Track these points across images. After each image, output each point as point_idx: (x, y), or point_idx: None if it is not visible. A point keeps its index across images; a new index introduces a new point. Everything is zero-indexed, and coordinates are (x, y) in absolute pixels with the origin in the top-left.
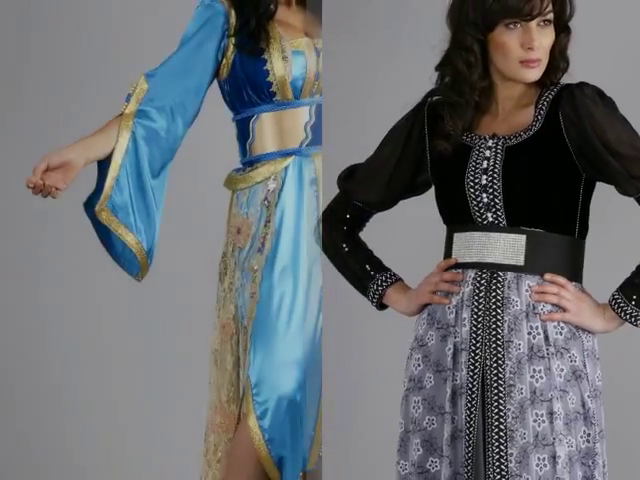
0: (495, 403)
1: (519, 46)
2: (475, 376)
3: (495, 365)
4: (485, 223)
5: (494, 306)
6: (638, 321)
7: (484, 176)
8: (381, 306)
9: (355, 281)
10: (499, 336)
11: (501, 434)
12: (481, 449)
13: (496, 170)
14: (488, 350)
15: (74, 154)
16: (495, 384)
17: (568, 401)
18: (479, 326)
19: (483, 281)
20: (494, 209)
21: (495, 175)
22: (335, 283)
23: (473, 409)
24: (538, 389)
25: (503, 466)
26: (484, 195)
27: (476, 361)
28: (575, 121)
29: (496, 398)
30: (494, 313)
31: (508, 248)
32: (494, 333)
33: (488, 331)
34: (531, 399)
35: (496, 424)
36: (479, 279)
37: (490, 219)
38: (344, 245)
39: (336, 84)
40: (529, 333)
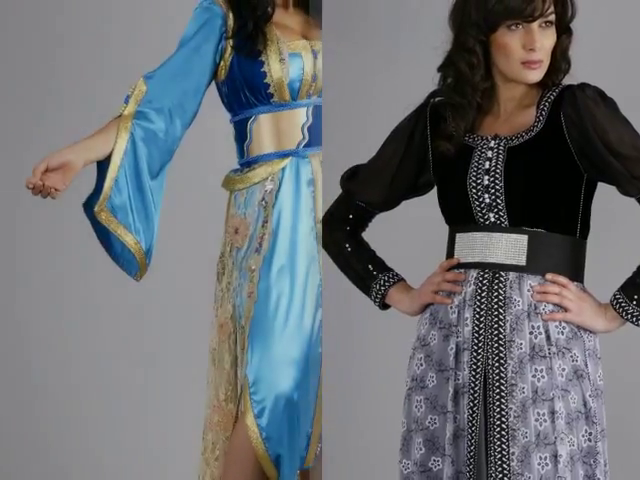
0: (497, 402)
1: (521, 47)
2: (477, 375)
3: (497, 365)
4: (487, 223)
5: (496, 306)
6: (639, 321)
7: (486, 176)
8: (384, 306)
9: (358, 281)
10: (501, 336)
11: (503, 433)
12: (483, 448)
13: (498, 170)
14: (490, 350)
15: (73, 155)
16: (497, 383)
17: (570, 400)
18: (481, 326)
19: (485, 281)
20: (496, 209)
21: (497, 175)
22: (337, 283)
23: (475, 408)
24: (540, 388)
25: (505, 465)
26: (486, 195)
27: (478, 360)
28: (577, 122)
29: (498, 397)
30: (496, 313)
31: (510, 248)
32: (496, 333)
33: (490, 331)
34: (533, 398)
35: (498, 423)
36: (481, 279)
37: (492, 219)
38: (347, 245)
39: (336, 85)
40: (531, 333)
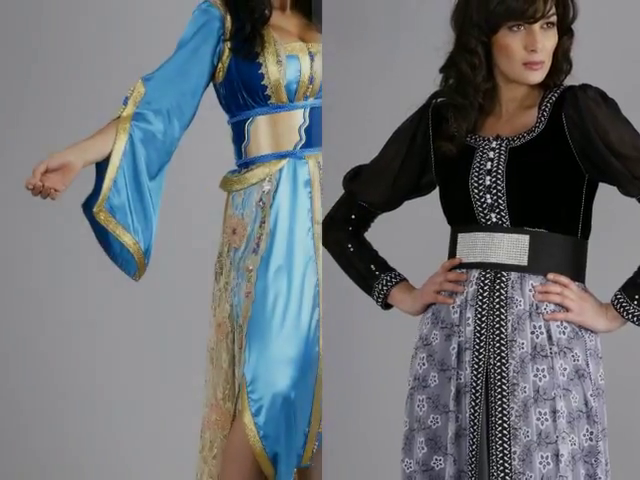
0: (499, 402)
1: (522, 48)
2: (479, 375)
3: (499, 364)
4: (489, 223)
5: (498, 306)
6: None
7: (488, 177)
8: (386, 306)
9: (360, 281)
10: (503, 335)
11: (505, 432)
12: (485, 447)
13: (500, 171)
14: (492, 349)
15: (73, 156)
16: (499, 383)
17: (571, 400)
18: (483, 325)
19: (487, 281)
20: (498, 210)
21: (499, 176)
22: (337, 282)
23: (477, 407)
24: (541, 388)
25: (507, 464)
26: (488, 196)
27: (480, 360)
28: (578, 122)
29: (500, 397)
30: (498, 313)
31: (512, 248)
32: (498, 332)
33: (492, 330)
34: (534, 398)
35: (500, 422)
36: (483, 279)
37: (494, 219)
38: (349, 245)
39: (336, 86)
40: (532, 332)
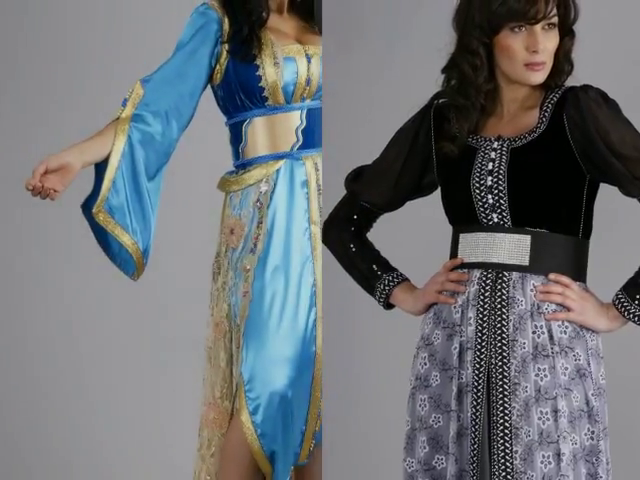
0: (500, 401)
1: (524, 49)
2: (480, 374)
3: (500, 364)
4: (490, 224)
5: (499, 305)
6: None
7: (489, 177)
8: (388, 306)
9: (362, 281)
10: (504, 335)
11: (506, 432)
12: (486, 446)
13: (501, 171)
14: (493, 349)
15: (72, 157)
16: (500, 382)
17: (572, 399)
18: (484, 325)
19: (488, 281)
20: (499, 210)
21: (500, 176)
22: (338, 283)
23: (479, 407)
24: (543, 387)
25: (508, 463)
26: (489, 196)
27: (481, 360)
28: (579, 123)
29: (501, 396)
30: (499, 312)
31: (513, 248)
32: (499, 332)
33: (493, 330)
34: (536, 397)
35: (501, 422)
36: (484, 279)
37: (495, 220)
38: (351, 245)
39: (336, 87)
40: (534, 332)
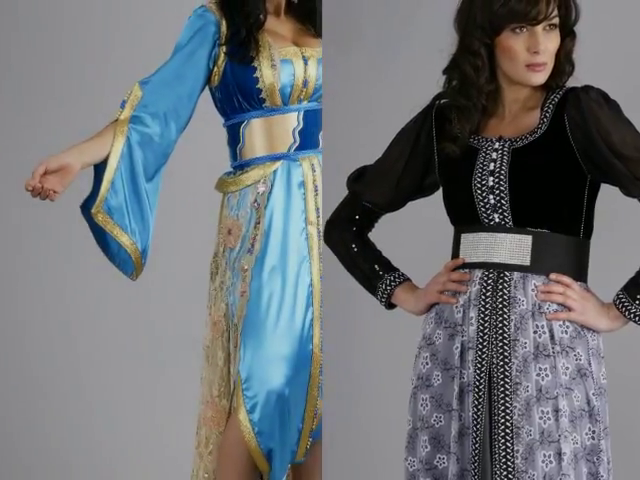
0: (502, 401)
1: (525, 50)
2: (482, 374)
3: (502, 363)
4: (492, 224)
5: (501, 305)
6: None
7: (491, 178)
8: (390, 305)
9: (364, 281)
10: (505, 335)
11: (507, 431)
12: (488, 446)
13: (502, 172)
14: (495, 349)
15: (71, 158)
16: (502, 382)
17: (573, 399)
18: (486, 325)
19: (490, 281)
20: (500, 210)
21: (502, 177)
22: (338, 283)
23: (480, 406)
24: (544, 387)
25: (509, 462)
26: (491, 196)
27: (483, 359)
28: (580, 124)
29: (502, 396)
30: (501, 312)
31: (514, 248)
32: (501, 332)
33: (495, 330)
34: (537, 397)
35: (502, 421)
36: (486, 279)
37: (497, 220)
38: (353, 245)
39: (336, 88)
40: (535, 332)
